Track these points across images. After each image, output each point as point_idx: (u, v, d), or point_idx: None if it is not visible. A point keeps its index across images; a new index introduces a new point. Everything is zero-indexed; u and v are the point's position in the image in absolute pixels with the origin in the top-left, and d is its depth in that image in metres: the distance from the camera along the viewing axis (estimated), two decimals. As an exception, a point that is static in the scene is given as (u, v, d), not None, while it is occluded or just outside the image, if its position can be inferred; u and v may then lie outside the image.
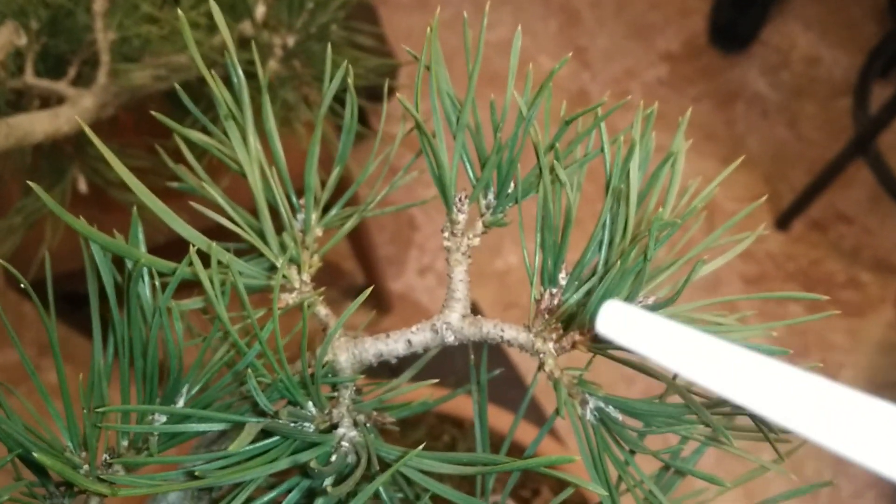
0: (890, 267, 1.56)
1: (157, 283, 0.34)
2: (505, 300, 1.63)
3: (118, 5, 0.70)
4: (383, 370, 0.39)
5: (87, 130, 0.34)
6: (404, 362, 0.40)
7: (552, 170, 0.36)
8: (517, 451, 0.75)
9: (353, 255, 1.48)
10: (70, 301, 1.15)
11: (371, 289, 0.36)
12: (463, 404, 0.81)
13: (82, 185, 0.77)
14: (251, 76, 0.38)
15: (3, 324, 0.34)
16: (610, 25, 1.90)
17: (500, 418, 0.77)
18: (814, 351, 1.46)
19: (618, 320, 0.19)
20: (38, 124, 0.58)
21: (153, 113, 0.38)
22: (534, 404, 0.95)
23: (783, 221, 1.59)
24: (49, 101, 0.69)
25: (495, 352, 0.95)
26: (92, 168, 0.77)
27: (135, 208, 0.35)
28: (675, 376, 0.37)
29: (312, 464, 0.28)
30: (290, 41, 0.73)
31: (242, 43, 0.72)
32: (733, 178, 1.64)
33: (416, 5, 1.97)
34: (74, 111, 0.64)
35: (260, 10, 0.72)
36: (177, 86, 0.39)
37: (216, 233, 0.37)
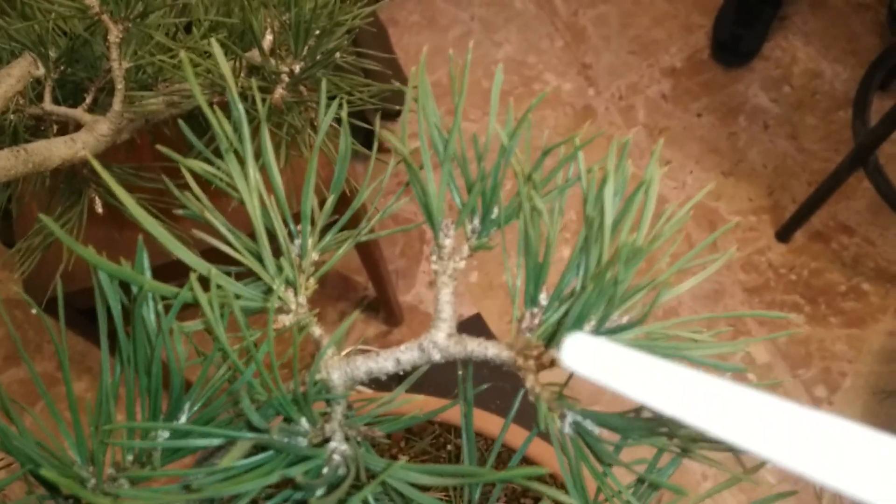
0: (891, 277, 1.57)
1: (160, 307, 0.36)
2: (511, 312, 1.65)
3: (132, 35, 0.73)
4: (391, 379, 0.41)
5: (94, 162, 0.36)
6: (413, 372, 0.41)
7: (531, 198, 0.38)
8: (512, 454, 0.76)
9: (364, 269, 1.50)
10: (90, 316, 1.17)
11: (356, 315, 0.38)
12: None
13: (99, 207, 0.80)
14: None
15: (26, 337, 0.37)
16: (614, 42, 1.93)
17: (500, 426, 0.79)
18: (815, 360, 1.47)
19: (583, 352, 0.19)
20: (55, 150, 0.61)
21: (159, 147, 0.41)
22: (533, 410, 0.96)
23: (785, 232, 1.60)
24: (66, 126, 0.72)
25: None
26: (107, 190, 0.80)
27: (140, 237, 0.38)
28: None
29: (298, 478, 0.31)
30: (297, 68, 0.76)
31: (251, 70, 0.75)
32: (735, 190, 1.67)
33: (426, 25, 2.01)
34: (91, 136, 0.66)
35: (268, 39, 0.75)
36: (181, 121, 0.41)
37: (219, 253, 0.39)
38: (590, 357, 0.19)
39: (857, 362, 1.47)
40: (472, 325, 1.58)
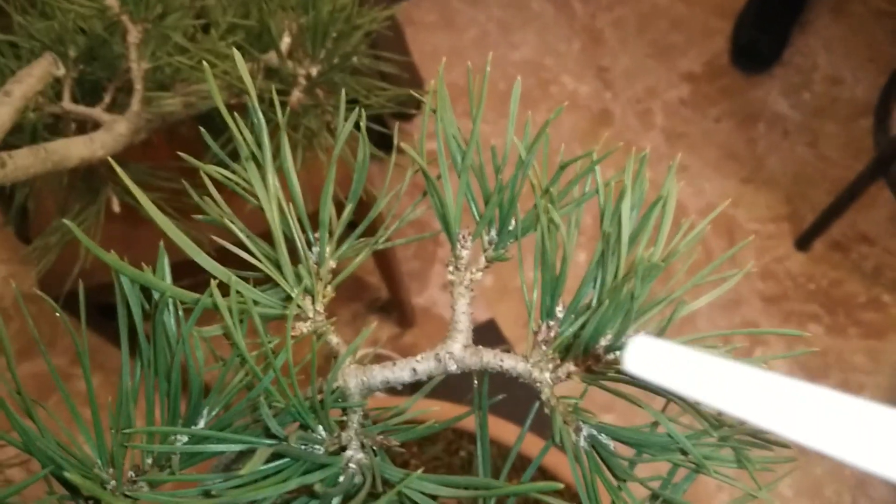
0: (912, 289, 1.55)
1: (180, 312, 0.37)
2: (526, 317, 1.65)
3: (151, 36, 0.74)
4: (406, 385, 0.41)
5: (115, 165, 0.37)
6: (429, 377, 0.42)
7: (548, 211, 0.39)
8: (529, 462, 0.77)
9: (377, 270, 1.51)
10: (104, 312, 1.18)
11: (374, 326, 0.38)
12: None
13: (115, 206, 0.81)
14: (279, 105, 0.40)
15: (40, 332, 0.37)
16: (632, 46, 1.92)
17: (515, 434, 0.79)
18: (834, 371, 1.46)
19: (647, 356, 0.19)
20: (74, 149, 0.61)
21: (180, 154, 0.41)
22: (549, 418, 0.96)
23: (804, 241, 1.59)
24: (85, 125, 0.73)
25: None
26: (124, 189, 0.81)
27: (161, 243, 0.38)
28: (664, 408, 0.39)
29: (317, 487, 0.31)
30: (314, 71, 0.76)
31: (268, 73, 0.75)
32: (754, 197, 1.66)
33: (442, 24, 2.01)
34: (109, 136, 0.67)
35: (285, 42, 0.75)
36: (201, 128, 0.42)
37: (238, 257, 0.39)
38: (653, 360, 0.19)
39: (876, 374, 1.45)
40: (487, 331, 1.59)
